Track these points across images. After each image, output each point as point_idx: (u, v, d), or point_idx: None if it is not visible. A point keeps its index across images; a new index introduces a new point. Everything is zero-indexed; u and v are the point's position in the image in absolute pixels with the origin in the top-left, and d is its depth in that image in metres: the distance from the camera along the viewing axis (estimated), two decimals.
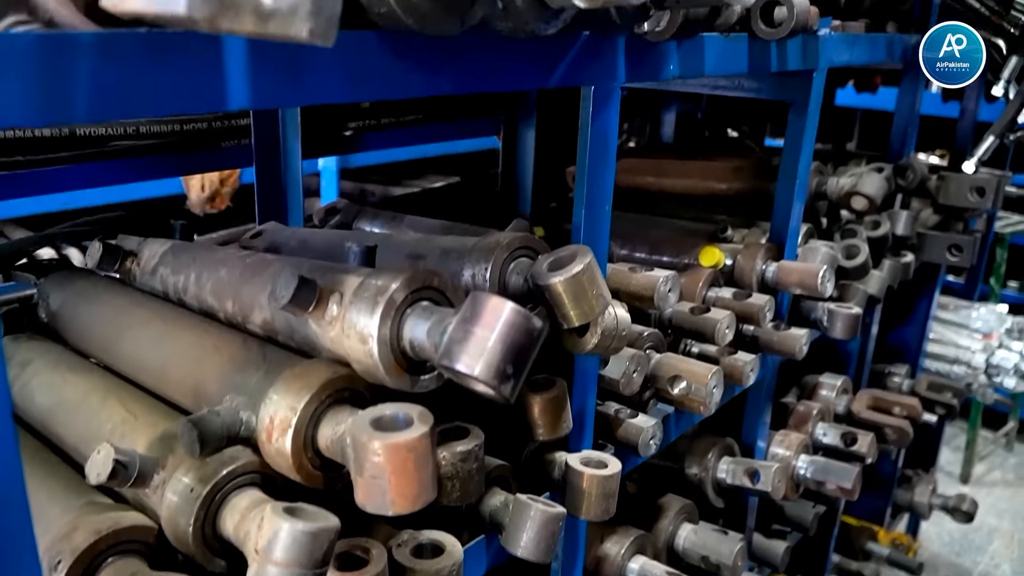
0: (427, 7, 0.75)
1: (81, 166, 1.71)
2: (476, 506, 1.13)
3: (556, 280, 1.00)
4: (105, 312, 1.13)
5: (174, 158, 1.85)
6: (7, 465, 0.66)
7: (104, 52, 0.62)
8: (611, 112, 1.18)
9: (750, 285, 1.81)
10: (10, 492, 0.65)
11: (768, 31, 1.41)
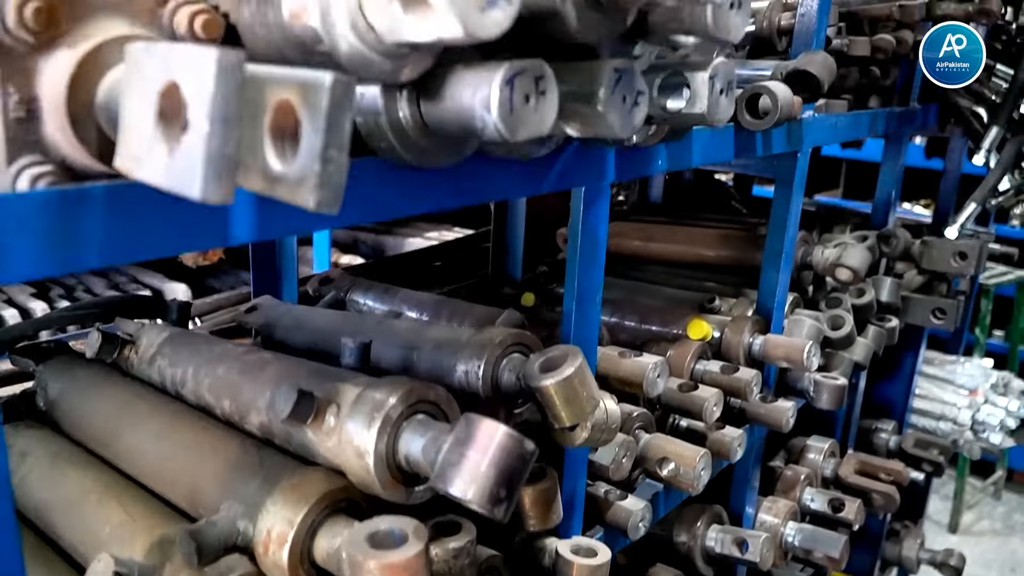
0: (425, 144, 0.79)
1: None
2: None
3: (548, 383, 1.03)
4: (103, 405, 1.15)
5: None
6: (10, 565, 0.68)
7: (115, 203, 0.65)
8: (601, 208, 1.22)
9: (737, 358, 1.84)
10: None
11: (753, 122, 1.46)
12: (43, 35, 0.67)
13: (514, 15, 0.59)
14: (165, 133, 0.54)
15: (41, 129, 0.70)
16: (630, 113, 0.82)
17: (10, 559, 0.69)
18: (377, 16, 0.63)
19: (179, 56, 0.53)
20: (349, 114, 0.57)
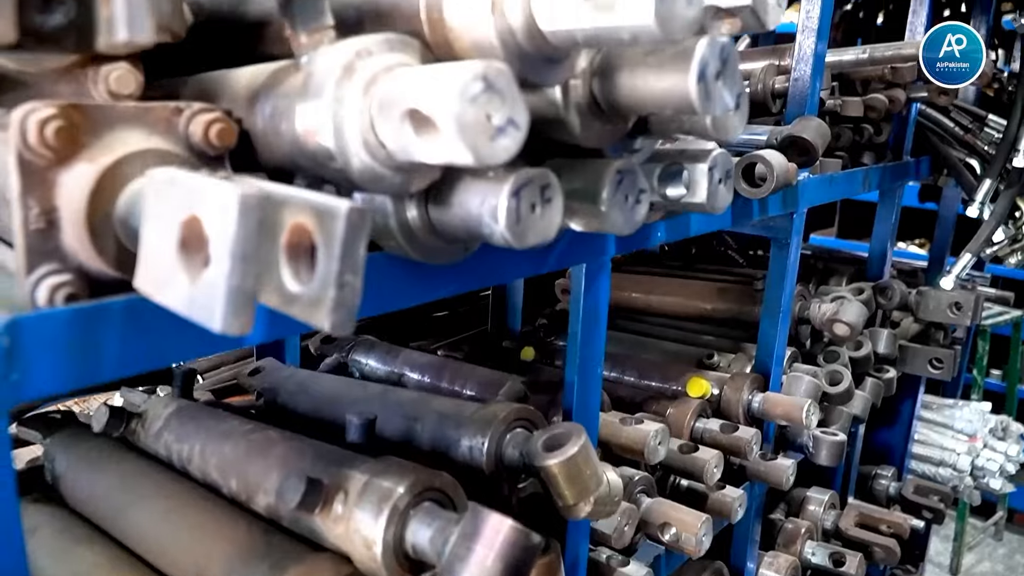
0: (433, 243, 0.81)
1: None
2: None
3: (551, 463, 1.04)
4: (110, 482, 1.16)
5: None
6: None
7: (133, 317, 0.67)
8: (602, 282, 1.24)
9: (736, 416, 1.85)
10: None
11: (751, 191, 1.49)
12: (63, 150, 0.69)
13: (523, 140, 0.62)
14: (186, 263, 0.56)
15: (60, 238, 0.72)
16: (632, 211, 0.84)
17: None
18: (389, 136, 0.65)
19: (202, 192, 0.55)
20: (364, 241, 0.59)
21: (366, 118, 0.66)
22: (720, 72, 0.71)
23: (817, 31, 1.73)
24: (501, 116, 0.60)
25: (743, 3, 0.84)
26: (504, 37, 0.64)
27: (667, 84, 0.70)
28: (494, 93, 0.59)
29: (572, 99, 0.76)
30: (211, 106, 0.78)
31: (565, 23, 0.61)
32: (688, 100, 0.69)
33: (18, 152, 0.68)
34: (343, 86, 0.66)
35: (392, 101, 0.63)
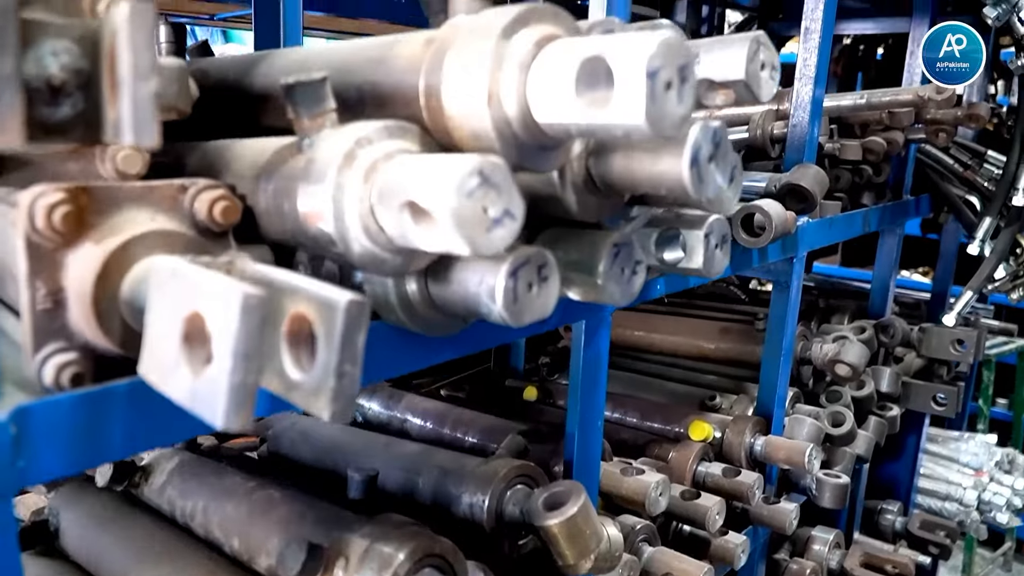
0: (433, 317, 0.82)
1: None
2: None
3: (551, 523, 1.05)
4: (114, 539, 1.17)
5: None
6: None
7: (137, 399, 0.68)
8: (602, 337, 1.25)
9: (739, 459, 1.85)
10: None
11: (750, 240, 1.50)
12: (70, 234, 0.71)
13: (518, 229, 0.63)
14: (189, 357, 0.58)
15: (66, 317, 0.73)
16: (628, 282, 0.85)
17: None
18: (388, 224, 0.67)
19: (205, 289, 0.56)
20: (363, 332, 0.60)
21: (366, 205, 0.67)
22: (713, 155, 0.72)
23: (814, 78, 1.75)
24: (497, 208, 0.62)
25: (736, 77, 0.86)
26: (500, 128, 0.66)
27: (661, 168, 0.71)
28: (490, 187, 0.61)
29: (568, 178, 0.78)
30: (215, 183, 0.79)
31: (560, 117, 0.63)
32: (681, 184, 0.71)
33: (26, 235, 0.69)
34: (344, 174, 0.67)
35: (391, 192, 0.65)
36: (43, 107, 0.62)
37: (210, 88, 1.04)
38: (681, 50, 0.59)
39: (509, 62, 0.64)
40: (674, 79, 0.59)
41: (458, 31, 0.68)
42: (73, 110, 0.63)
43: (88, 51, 0.64)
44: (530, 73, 0.64)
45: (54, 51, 0.62)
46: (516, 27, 0.65)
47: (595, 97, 0.62)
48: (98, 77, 0.62)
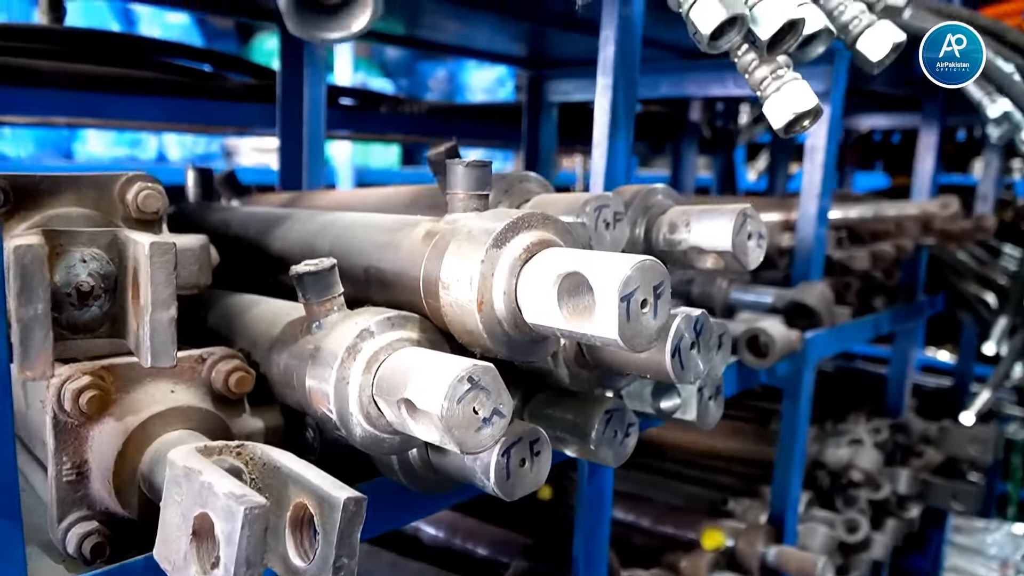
0: (430, 478, 0.86)
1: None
2: None
3: None
4: None
5: None
6: None
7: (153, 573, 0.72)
8: (606, 472, 1.28)
9: (751, 569, 1.85)
10: None
11: (756, 361, 1.53)
12: (96, 413, 0.76)
13: (505, 426, 0.67)
14: (197, 555, 0.62)
15: (89, 487, 0.78)
16: (622, 444, 0.89)
17: None
18: (388, 413, 0.71)
19: (213, 495, 0.61)
20: (360, 527, 0.64)
21: (367, 393, 0.72)
22: (695, 342, 0.77)
23: (819, 194, 1.79)
24: (487, 409, 0.66)
25: (724, 248, 0.91)
26: (491, 327, 0.71)
27: (645, 357, 0.76)
28: (480, 390, 0.66)
29: (561, 358, 0.83)
30: (231, 352, 0.85)
31: (546, 322, 0.68)
32: (664, 372, 0.75)
33: (53, 415, 0.75)
34: (347, 366, 0.73)
35: (389, 388, 0.70)
36: (72, 310, 0.68)
37: (232, 238, 1.11)
38: (656, 271, 0.64)
39: (500, 269, 0.70)
40: (649, 298, 0.64)
41: (456, 232, 0.74)
42: (100, 311, 0.69)
43: (116, 256, 0.70)
44: (520, 279, 0.70)
45: (84, 259, 0.68)
46: (508, 235, 0.71)
47: (578, 305, 0.66)
48: (125, 281, 0.68)
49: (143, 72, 1.90)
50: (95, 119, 2.00)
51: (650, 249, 0.98)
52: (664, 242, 0.97)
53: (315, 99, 1.75)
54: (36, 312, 0.57)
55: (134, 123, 2.22)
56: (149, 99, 1.82)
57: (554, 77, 2.24)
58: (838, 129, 1.80)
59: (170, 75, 1.95)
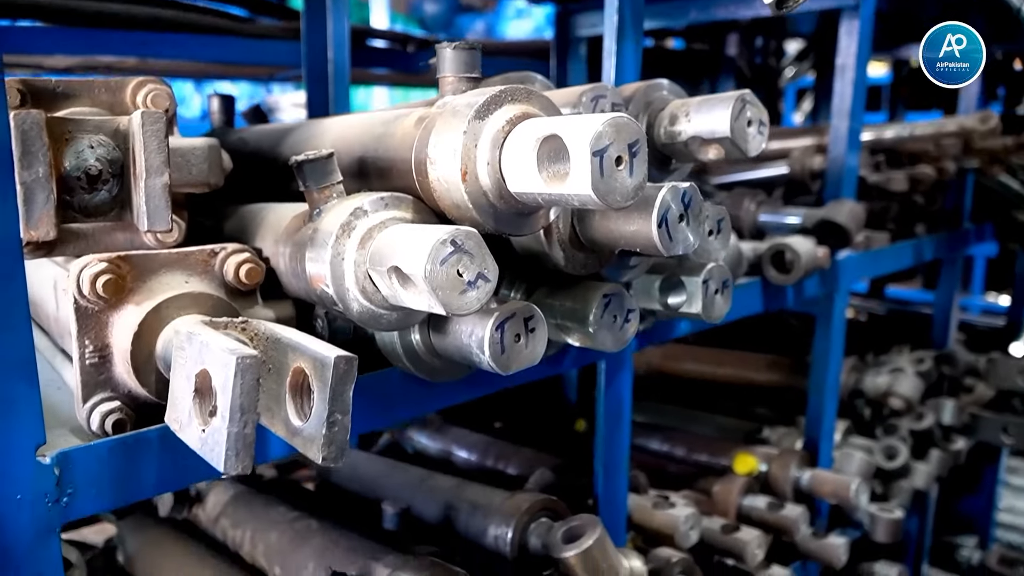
0: (437, 364, 0.89)
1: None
2: None
3: (569, 555, 1.10)
4: (171, 567, 1.27)
5: None
6: None
7: (167, 443, 0.77)
8: (623, 378, 1.30)
9: (785, 493, 1.85)
10: None
11: (779, 277, 1.52)
12: (113, 298, 0.81)
13: (490, 291, 0.70)
14: (199, 409, 0.66)
15: (111, 370, 0.83)
16: (622, 330, 0.91)
17: None
18: (382, 286, 0.74)
19: (210, 351, 0.65)
20: (351, 385, 0.67)
21: (362, 269, 0.75)
22: (683, 215, 0.78)
23: (850, 113, 1.76)
24: (471, 272, 0.69)
25: (722, 134, 0.91)
26: (476, 199, 0.73)
27: (633, 228, 0.77)
28: (463, 254, 0.68)
29: (555, 238, 0.84)
30: (242, 247, 0.89)
31: (527, 188, 0.70)
32: (652, 242, 0.76)
33: (74, 301, 0.80)
34: (341, 242, 0.76)
35: (380, 259, 0.72)
36: (83, 194, 0.72)
37: (250, 154, 1.15)
38: (630, 129, 0.65)
39: (483, 140, 0.72)
40: (624, 155, 0.65)
41: (443, 111, 0.76)
42: (109, 194, 0.73)
43: (122, 143, 0.74)
44: (503, 150, 0.71)
45: (92, 145, 0.72)
46: (491, 108, 0.72)
47: (556, 170, 0.68)
48: (128, 163, 0.72)
49: (183, 13, 1.97)
50: (135, 58, 2.05)
51: (652, 144, 0.99)
52: (665, 135, 0.97)
53: (339, 35, 1.78)
54: (38, 175, 0.61)
55: (172, 64, 2.29)
56: (189, 37, 1.88)
57: (581, 11, 2.23)
58: (867, 46, 1.76)
59: (207, 16, 2.02)
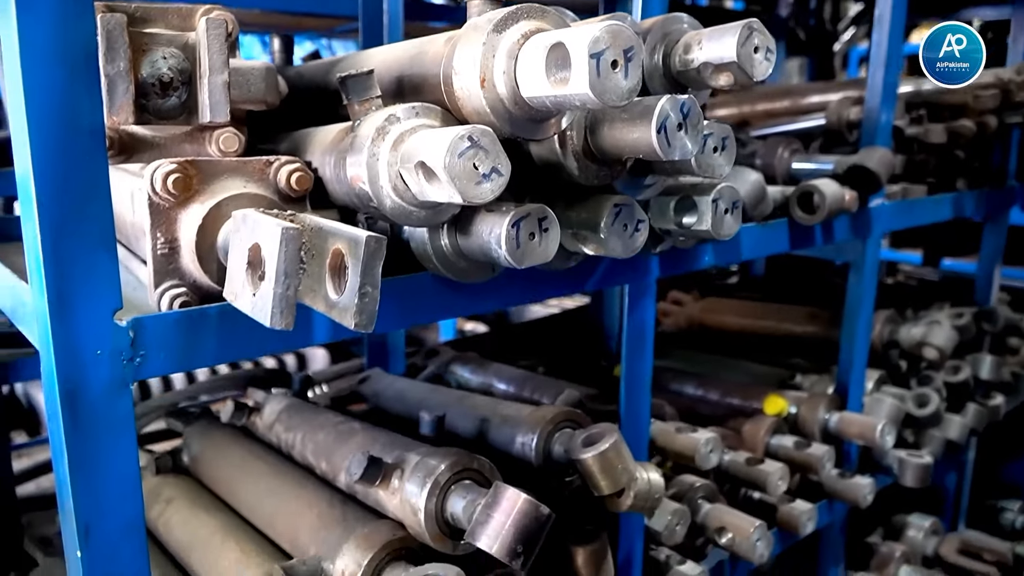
0: (464, 265, 0.99)
1: None
2: None
3: (586, 456, 1.20)
4: (232, 463, 1.41)
5: None
6: None
7: (226, 319, 0.89)
8: (647, 304, 1.38)
9: (812, 434, 1.91)
10: None
11: (805, 217, 1.58)
12: (182, 195, 0.93)
13: (504, 184, 0.79)
14: (251, 278, 0.78)
15: (179, 261, 0.95)
16: (631, 238, 1.00)
17: None
18: (411, 183, 0.85)
19: (260, 226, 0.76)
20: (380, 261, 0.78)
21: (395, 169, 0.86)
22: (682, 124, 0.86)
23: (886, 64, 1.79)
24: (486, 166, 0.78)
25: (730, 59, 0.99)
26: (494, 105, 0.82)
27: (636, 135, 0.86)
28: (479, 149, 0.78)
29: (569, 148, 0.93)
30: (294, 159, 1.00)
31: (537, 92, 0.79)
32: (652, 148, 0.85)
33: (148, 197, 0.92)
34: (377, 144, 0.86)
35: (409, 156, 0.83)
36: (156, 99, 0.84)
37: (304, 87, 1.26)
38: (625, 35, 0.74)
39: (500, 52, 0.81)
40: (620, 59, 0.74)
41: (467, 29, 0.85)
42: (179, 100, 0.85)
43: (191, 56, 0.86)
44: (517, 60, 0.81)
45: (164, 56, 0.84)
46: (508, 23, 0.82)
47: (562, 77, 0.77)
48: (195, 72, 0.84)
49: None
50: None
51: (667, 73, 1.06)
52: (679, 63, 1.05)
53: None
54: (119, 68, 0.73)
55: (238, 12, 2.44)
56: None
57: None
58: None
59: None
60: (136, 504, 0.86)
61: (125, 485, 0.84)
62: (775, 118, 2.20)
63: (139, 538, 0.86)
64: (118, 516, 0.84)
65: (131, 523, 0.85)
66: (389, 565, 1.07)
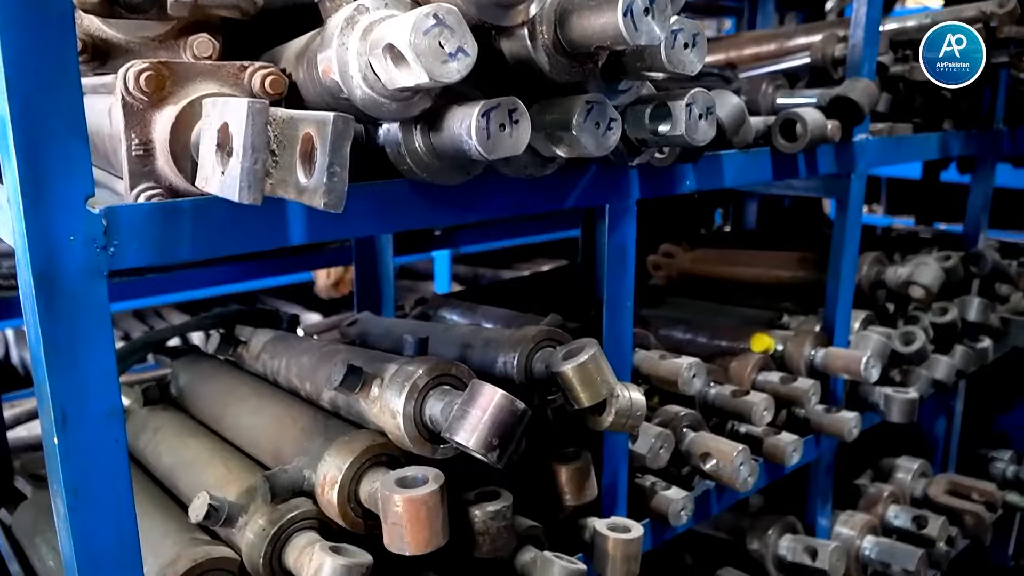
0: (437, 165, 1.00)
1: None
2: (510, 561, 1.31)
3: (566, 368, 1.21)
4: (218, 390, 1.43)
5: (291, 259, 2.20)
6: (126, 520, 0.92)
7: (199, 214, 0.90)
8: (627, 225, 1.39)
9: (799, 370, 1.93)
10: (124, 532, 0.92)
11: (786, 145, 1.59)
12: (155, 96, 0.93)
13: (471, 64, 0.80)
14: (220, 158, 0.79)
15: (154, 163, 0.96)
16: (604, 136, 1.00)
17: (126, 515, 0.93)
18: (379, 70, 0.85)
19: (229, 105, 0.77)
20: (348, 142, 0.79)
21: (364, 59, 0.86)
22: (648, 8, 0.86)
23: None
24: (452, 45, 0.79)
25: None
26: None
27: (603, 21, 0.86)
28: (444, 27, 0.78)
29: (539, 41, 0.94)
30: (268, 64, 1.01)
31: None
32: (619, 32, 0.85)
33: (121, 97, 0.92)
34: (346, 34, 0.86)
35: (377, 40, 0.83)
36: None
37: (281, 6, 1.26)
38: None
39: None
40: None
41: None
42: None
43: None
44: None
45: None
46: None
47: None
48: None
49: None
50: None
51: None
52: None
53: None
54: None
55: None
56: None
57: None
58: None
59: None
60: (113, 393, 0.87)
61: (102, 373, 0.85)
62: (763, 61, 2.20)
63: (118, 426, 0.87)
64: (95, 402, 0.85)
65: (109, 410, 0.86)
66: (370, 470, 1.09)
